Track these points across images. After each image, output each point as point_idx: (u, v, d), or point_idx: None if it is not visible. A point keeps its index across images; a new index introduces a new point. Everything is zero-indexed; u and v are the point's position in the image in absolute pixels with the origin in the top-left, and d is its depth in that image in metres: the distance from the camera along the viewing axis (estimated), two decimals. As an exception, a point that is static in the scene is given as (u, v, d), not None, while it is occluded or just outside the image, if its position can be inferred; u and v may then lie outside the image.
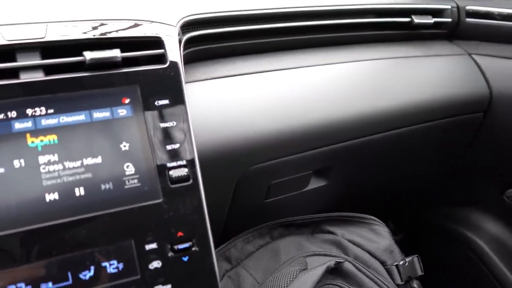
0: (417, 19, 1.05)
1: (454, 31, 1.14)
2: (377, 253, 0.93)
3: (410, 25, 1.06)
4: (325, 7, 0.92)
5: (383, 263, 0.92)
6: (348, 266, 0.86)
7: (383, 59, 1.00)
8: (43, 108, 0.59)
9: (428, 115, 1.02)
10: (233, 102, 0.79)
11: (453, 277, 1.35)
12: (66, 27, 0.65)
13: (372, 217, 0.99)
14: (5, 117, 0.58)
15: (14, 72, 0.60)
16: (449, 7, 1.11)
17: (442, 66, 1.06)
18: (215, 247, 0.65)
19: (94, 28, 0.66)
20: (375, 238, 0.96)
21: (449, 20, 1.11)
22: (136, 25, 0.69)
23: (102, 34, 0.66)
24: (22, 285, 0.54)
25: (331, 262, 0.84)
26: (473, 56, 1.10)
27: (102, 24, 0.67)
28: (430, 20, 1.07)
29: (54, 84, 0.61)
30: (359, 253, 0.91)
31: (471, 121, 1.10)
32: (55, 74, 0.61)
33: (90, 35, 0.65)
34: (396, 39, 1.07)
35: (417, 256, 0.96)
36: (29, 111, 0.59)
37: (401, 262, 0.93)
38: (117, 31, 0.67)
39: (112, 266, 0.58)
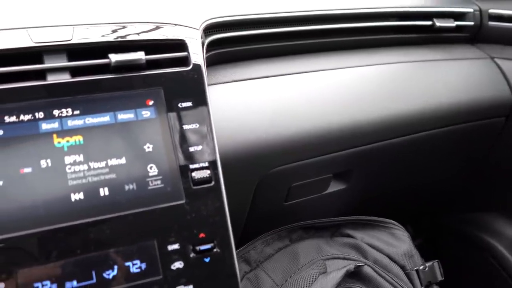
0: (439, 23, 1.04)
1: (476, 34, 1.13)
2: (397, 258, 0.92)
3: (431, 29, 1.05)
4: (347, 10, 0.92)
5: (403, 267, 0.92)
6: (367, 270, 0.86)
7: (405, 62, 0.99)
8: (69, 109, 0.60)
9: (449, 119, 1.02)
10: (254, 105, 0.79)
11: (473, 283, 1.34)
12: (91, 30, 0.66)
13: (392, 221, 0.99)
14: (32, 117, 0.59)
15: (41, 74, 0.61)
16: (471, 10, 1.10)
17: (464, 70, 1.05)
18: (235, 248, 0.65)
19: (119, 30, 0.68)
20: (395, 242, 0.95)
21: (471, 23, 1.10)
22: (159, 28, 0.70)
23: (127, 36, 0.67)
24: (48, 283, 0.55)
25: (350, 265, 0.83)
26: (496, 60, 1.09)
27: (126, 27, 0.68)
28: (452, 23, 1.06)
29: (80, 85, 0.62)
30: (378, 257, 0.91)
31: (493, 125, 1.09)
32: (81, 75, 0.62)
33: (115, 38, 0.66)
34: (417, 42, 1.07)
35: (437, 261, 0.95)
36: (55, 112, 0.60)
37: (421, 267, 0.92)
38: (141, 33, 0.68)
39: (135, 266, 0.59)
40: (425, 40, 1.08)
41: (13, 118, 0.58)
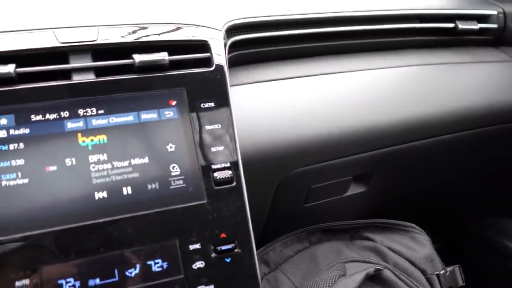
0: (461, 25, 1.03)
1: (500, 37, 1.11)
2: (417, 262, 0.91)
3: (454, 31, 1.04)
4: (369, 12, 0.92)
5: (423, 272, 0.91)
6: (387, 273, 0.85)
7: (426, 65, 0.98)
8: (94, 109, 0.61)
9: (471, 122, 1.00)
10: (276, 106, 0.79)
11: (493, 289, 1.32)
12: (116, 30, 0.67)
13: (412, 224, 0.98)
14: (58, 116, 0.60)
15: (66, 74, 0.62)
16: (495, 12, 1.08)
17: (487, 72, 1.04)
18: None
19: (143, 31, 0.68)
20: (415, 246, 0.94)
21: (495, 26, 1.08)
22: (182, 29, 0.71)
23: (150, 37, 0.68)
24: (71, 280, 0.56)
25: (370, 269, 0.83)
26: (520, 63, 1.08)
27: (150, 28, 0.69)
28: (475, 26, 1.05)
29: (105, 85, 0.62)
30: (398, 261, 0.90)
31: (516, 129, 1.08)
32: (105, 75, 0.63)
33: (139, 38, 0.67)
34: (439, 45, 1.06)
35: (458, 266, 0.94)
36: (80, 111, 0.61)
37: (442, 272, 0.91)
38: (164, 34, 0.69)
39: (157, 265, 0.59)
40: (448, 43, 1.07)
41: (39, 117, 0.59)
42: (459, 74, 1.00)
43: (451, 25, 1.03)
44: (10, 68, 0.58)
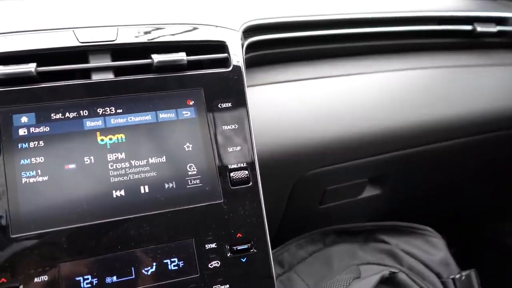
0: (480, 27, 1.02)
1: (519, 40, 1.10)
2: (433, 265, 0.91)
3: (472, 33, 1.03)
4: (387, 13, 0.91)
5: (438, 275, 0.90)
6: (402, 276, 0.84)
7: (444, 67, 0.98)
8: (112, 108, 0.62)
9: (489, 125, 1.00)
10: (293, 107, 0.80)
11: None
12: (135, 31, 0.67)
13: (427, 227, 0.97)
14: (77, 115, 0.60)
15: (86, 73, 0.63)
16: (514, 15, 1.07)
17: (504, 76, 1.03)
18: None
19: (161, 31, 0.69)
20: (431, 249, 0.94)
21: (514, 28, 1.07)
22: (200, 29, 0.71)
23: (168, 37, 0.68)
24: (89, 277, 0.56)
25: (385, 271, 0.82)
26: (538, 66, 1.06)
27: (168, 28, 0.69)
28: (493, 28, 1.04)
29: (124, 85, 0.63)
30: (413, 264, 0.90)
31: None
32: (124, 75, 0.64)
33: (157, 39, 0.68)
34: (457, 47, 1.05)
35: (474, 270, 0.93)
36: (99, 110, 0.61)
37: (457, 276, 0.90)
38: (182, 34, 0.69)
39: (173, 264, 0.60)
40: (466, 45, 1.06)
41: (59, 116, 0.60)
42: (477, 76, 1.00)
43: (469, 27, 1.02)
44: (31, 67, 0.59)
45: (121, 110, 0.62)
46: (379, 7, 0.93)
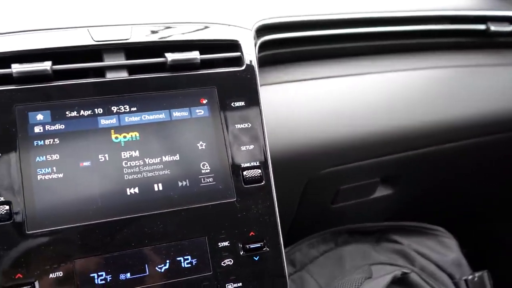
0: (493, 27, 1.01)
1: (533, 39, 1.09)
2: (445, 266, 0.90)
3: (486, 33, 1.02)
4: (399, 13, 0.91)
5: (450, 276, 0.90)
6: (415, 277, 0.84)
7: (457, 67, 0.97)
8: (127, 106, 0.62)
9: (502, 125, 0.99)
10: (305, 106, 0.79)
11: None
12: (148, 29, 0.68)
13: (440, 228, 0.97)
14: (92, 113, 0.61)
15: (100, 71, 0.63)
16: (528, 14, 1.06)
17: (518, 75, 1.02)
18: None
19: (175, 30, 0.69)
20: (443, 250, 0.93)
21: (528, 27, 1.06)
22: (213, 28, 0.71)
23: (182, 36, 0.69)
24: (103, 273, 0.57)
25: (397, 272, 0.82)
26: (553, 66, 1.05)
27: (182, 27, 0.70)
28: (507, 27, 1.03)
29: (138, 83, 0.63)
30: (426, 265, 0.89)
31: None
32: (138, 73, 0.64)
33: (171, 37, 0.68)
34: (471, 46, 1.04)
35: (487, 271, 0.92)
36: (114, 108, 0.62)
37: (470, 277, 0.90)
38: (195, 33, 0.70)
39: (186, 261, 0.60)
40: (479, 45, 1.06)
41: (74, 113, 0.60)
42: (491, 76, 0.99)
43: (483, 26, 1.01)
44: (47, 65, 0.60)
45: (135, 108, 0.62)
46: (390, 6, 0.93)
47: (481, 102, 0.96)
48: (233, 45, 0.70)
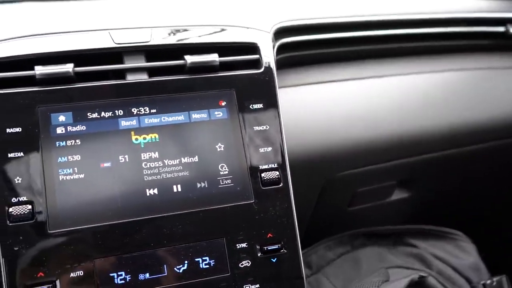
0: (513, 29, 1.00)
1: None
2: (462, 270, 0.89)
3: (505, 35, 1.01)
4: (417, 15, 0.91)
5: (468, 280, 0.89)
6: (432, 281, 0.84)
7: (476, 69, 0.97)
8: (146, 108, 0.63)
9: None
10: (324, 108, 0.80)
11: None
12: (168, 32, 0.68)
13: (457, 231, 0.96)
14: (112, 114, 0.62)
15: (121, 73, 0.64)
16: (548, 16, 1.05)
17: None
18: (300, 251, 0.66)
19: (194, 33, 0.70)
20: (460, 254, 0.92)
21: (548, 30, 1.05)
22: (232, 31, 0.72)
23: (201, 39, 0.69)
24: (123, 273, 0.57)
25: (414, 275, 0.82)
26: None
27: (201, 29, 0.70)
28: (527, 30, 1.02)
29: (157, 85, 0.64)
30: (443, 268, 0.89)
31: None
32: (158, 76, 0.65)
33: (190, 40, 0.69)
34: (489, 49, 1.03)
35: (505, 276, 0.91)
36: (134, 110, 0.62)
37: (488, 281, 0.89)
38: (214, 36, 0.70)
39: (204, 262, 0.60)
40: (497, 47, 1.05)
41: (95, 115, 0.61)
42: (507, 79, 0.98)
43: (502, 28, 1.00)
44: (69, 68, 0.60)
45: (155, 110, 0.63)
46: (408, 8, 0.93)
47: (499, 105, 0.95)
48: (252, 48, 0.70)
